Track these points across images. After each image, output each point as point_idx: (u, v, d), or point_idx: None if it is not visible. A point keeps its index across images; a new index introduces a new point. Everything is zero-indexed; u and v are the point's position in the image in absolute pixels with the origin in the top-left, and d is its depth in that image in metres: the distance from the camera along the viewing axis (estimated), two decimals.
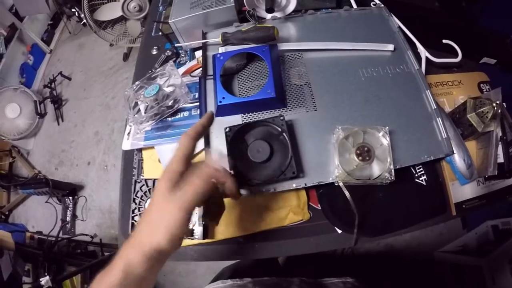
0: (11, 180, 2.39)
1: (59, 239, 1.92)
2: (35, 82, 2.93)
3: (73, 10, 2.74)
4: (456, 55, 0.78)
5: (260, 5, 0.79)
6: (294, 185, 0.61)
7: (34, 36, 3.00)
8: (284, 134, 0.59)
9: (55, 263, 1.74)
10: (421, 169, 0.67)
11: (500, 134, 0.67)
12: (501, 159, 0.66)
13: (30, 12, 2.86)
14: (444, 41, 0.81)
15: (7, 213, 2.36)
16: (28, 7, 2.70)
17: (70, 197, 2.21)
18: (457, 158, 0.65)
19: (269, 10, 0.75)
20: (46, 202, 2.24)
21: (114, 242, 1.96)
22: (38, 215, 2.30)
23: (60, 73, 2.84)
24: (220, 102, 0.65)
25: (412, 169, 0.67)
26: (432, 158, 0.64)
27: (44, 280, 1.34)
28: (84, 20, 2.10)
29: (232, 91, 0.71)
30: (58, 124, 2.67)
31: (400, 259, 1.67)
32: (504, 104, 0.71)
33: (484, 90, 0.79)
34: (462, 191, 0.67)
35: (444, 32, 0.84)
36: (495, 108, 0.64)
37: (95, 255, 1.93)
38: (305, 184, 0.61)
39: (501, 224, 1.44)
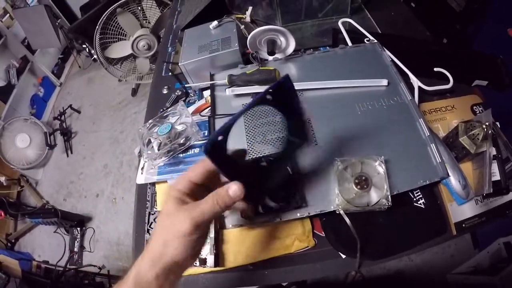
0: (19, 208, 2.40)
1: (67, 269, 1.93)
2: (45, 113, 3.02)
3: (83, 46, 2.85)
4: (448, 81, 0.83)
5: (262, 48, 0.85)
6: (298, 215, 0.64)
7: (45, 69, 3.12)
8: (288, 168, 0.64)
9: None
10: (419, 193, 0.70)
11: (493, 153, 0.70)
12: (497, 177, 0.69)
13: (42, 45, 2.99)
14: (435, 69, 0.86)
15: (13, 241, 2.36)
16: (40, 40, 2.83)
17: (78, 228, 2.23)
18: (453, 180, 0.68)
19: (271, 53, 0.82)
20: (55, 232, 2.25)
21: (122, 274, 1.94)
22: (45, 245, 2.30)
23: (70, 106, 2.93)
24: None
25: (410, 194, 0.70)
26: (428, 182, 0.67)
27: None
28: (95, 57, 2.20)
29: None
30: (67, 155, 2.73)
31: (412, 285, 1.66)
32: (498, 123, 0.76)
33: (477, 112, 0.82)
34: (461, 211, 0.70)
35: (435, 60, 0.88)
36: (485, 129, 0.67)
37: (103, 287, 1.92)
38: (309, 213, 0.65)
39: None
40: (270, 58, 0.86)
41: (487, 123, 0.68)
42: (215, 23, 0.95)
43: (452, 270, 1.62)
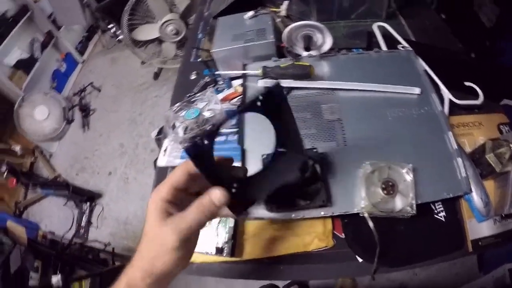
0: (31, 178, 2.43)
1: (73, 243, 1.97)
2: (66, 89, 3.05)
3: (109, 26, 2.88)
4: (477, 97, 0.82)
5: (297, 43, 0.85)
6: (322, 213, 0.65)
7: (69, 45, 3.15)
8: (316, 165, 0.64)
9: (67, 264, 1.78)
10: (441, 205, 0.69)
11: None
12: None
13: (67, 22, 3.03)
14: (466, 83, 0.84)
15: (22, 209, 2.40)
16: (66, 17, 2.89)
17: (88, 204, 2.26)
18: (475, 196, 0.67)
19: (306, 48, 0.81)
20: (64, 205, 2.28)
21: (126, 253, 1.98)
22: (53, 216, 2.33)
23: (91, 83, 2.98)
24: None
25: (432, 206, 0.69)
26: (451, 195, 0.66)
27: (56, 278, 1.37)
28: (121, 37, 2.21)
29: None
30: (84, 131, 2.77)
31: None
32: None
33: (504, 131, 0.80)
34: (479, 228, 0.69)
35: (466, 73, 0.87)
36: None
37: (106, 263, 1.94)
38: (333, 213, 0.65)
39: None
40: (305, 54, 0.86)
41: None
42: (250, 13, 0.95)
43: None
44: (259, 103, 0.46)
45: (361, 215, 0.63)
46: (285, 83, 0.80)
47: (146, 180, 2.24)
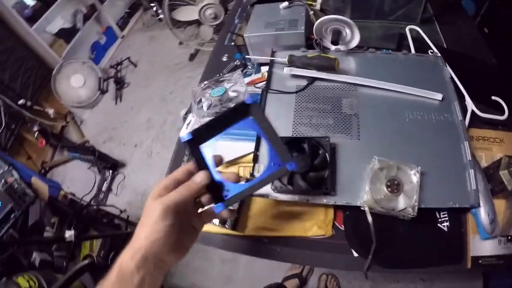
0: (61, 140, 2.52)
1: (90, 204, 2.05)
2: (103, 61, 3.15)
3: (151, 4, 2.94)
4: (503, 113, 0.80)
5: (326, 36, 0.86)
6: (325, 201, 0.67)
7: (110, 20, 3.24)
8: (326, 153, 0.66)
9: (81, 223, 1.86)
10: (445, 215, 0.69)
11: None
12: None
13: None
14: (493, 97, 0.82)
15: (47, 169, 2.51)
16: None
17: (110, 171, 2.33)
18: (482, 212, 0.66)
19: (334, 42, 0.83)
20: (88, 169, 2.37)
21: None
22: (76, 179, 2.42)
23: (128, 58, 3.07)
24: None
25: (437, 213, 0.69)
26: (457, 206, 0.66)
27: (69, 234, 1.45)
28: (161, 16, 2.27)
29: None
30: (116, 103, 2.85)
31: None
32: None
33: None
34: (481, 246, 0.67)
35: (495, 88, 0.85)
36: None
37: (119, 228, 1.98)
38: (335, 202, 0.67)
39: None
40: (333, 47, 0.87)
41: None
42: (285, 3, 0.97)
43: None
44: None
45: (362, 208, 0.64)
46: (310, 73, 0.82)
47: (169, 156, 2.20)
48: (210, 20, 2.26)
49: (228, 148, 0.77)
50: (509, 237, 0.67)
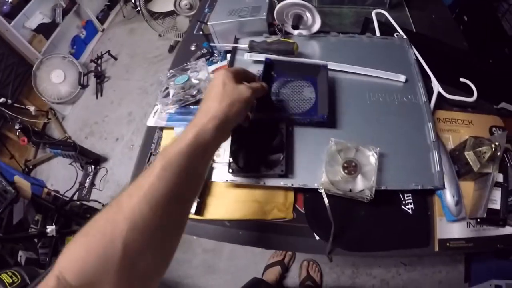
0: (42, 138, 2.49)
1: (73, 199, 2.02)
2: (83, 55, 3.09)
3: None
4: (472, 95, 0.80)
5: (288, 21, 0.85)
6: (281, 183, 0.67)
7: (90, 13, 3.17)
8: (282, 134, 0.66)
9: (64, 218, 1.86)
10: (410, 197, 0.69)
11: (498, 179, 0.67)
12: (497, 206, 0.66)
13: None
14: (461, 79, 0.82)
15: (31, 167, 2.48)
16: None
17: (93, 166, 2.32)
18: (447, 194, 0.67)
19: (295, 27, 0.83)
20: (70, 164, 2.35)
21: None
22: (59, 176, 2.40)
23: (108, 51, 3.01)
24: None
25: (401, 195, 0.69)
26: (420, 187, 0.66)
27: (50, 228, 1.44)
28: (139, 8, 2.24)
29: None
30: (97, 97, 2.82)
31: None
32: None
33: (495, 134, 0.78)
34: (449, 229, 0.68)
35: (465, 71, 0.85)
36: (494, 149, 0.64)
37: None
38: (292, 185, 0.67)
39: (505, 286, 1.34)
40: (295, 32, 0.87)
41: (497, 143, 0.65)
42: None
43: None
44: None
45: (319, 191, 0.64)
46: (269, 57, 0.81)
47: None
48: (186, 10, 2.24)
49: None
50: (478, 220, 0.67)
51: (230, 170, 0.66)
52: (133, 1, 2.94)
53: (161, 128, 0.85)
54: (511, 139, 0.77)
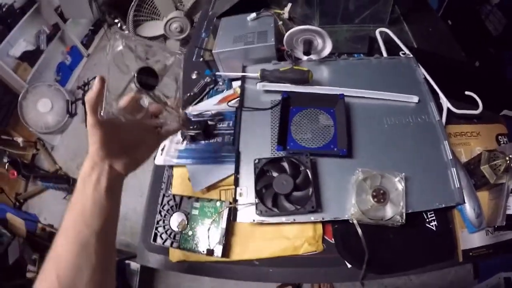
0: (32, 170, 2.43)
1: None
2: (70, 82, 3.04)
3: (116, 20, 2.88)
4: (477, 107, 0.81)
5: (297, 47, 0.85)
6: (312, 218, 0.65)
7: (74, 38, 3.14)
8: (308, 171, 0.65)
9: None
10: (433, 215, 0.69)
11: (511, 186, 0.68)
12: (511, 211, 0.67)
13: (74, 15, 3.00)
14: (466, 92, 0.83)
15: (22, 201, 2.40)
16: (73, 10, 2.84)
17: None
18: (468, 207, 0.67)
19: (306, 53, 0.82)
20: (64, 198, 2.27)
21: (124, 248, 1.96)
22: (52, 209, 2.32)
23: (95, 77, 2.96)
24: (288, 147, 0.72)
25: (424, 214, 0.69)
26: (443, 206, 0.67)
27: None
28: (126, 32, 2.22)
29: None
30: (86, 126, 2.75)
31: None
32: None
33: (502, 142, 0.80)
34: (470, 239, 0.69)
35: (467, 83, 0.87)
36: (508, 161, 0.66)
37: None
38: (323, 219, 0.65)
39: None
40: (305, 58, 0.86)
41: (510, 156, 0.66)
42: (253, 15, 0.95)
43: None
44: None
45: (351, 221, 0.64)
46: (284, 87, 0.80)
47: (145, 176, 2.20)
48: (176, 34, 2.23)
49: (208, 172, 0.75)
50: (495, 226, 0.68)
51: (258, 212, 0.64)
52: (118, 25, 2.92)
53: (171, 166, 0.82)
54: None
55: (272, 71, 0.80)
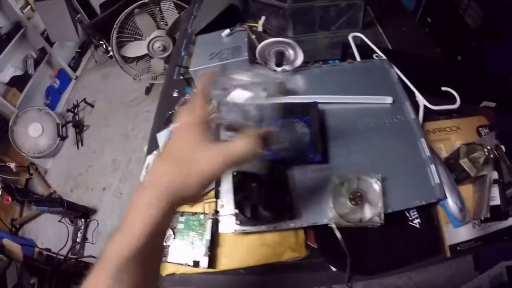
0: (27, 195, 2.44)
1: (68, 258, 1.96)
2: (59, 105, 3.07)
3: (100, 42, 2.92)
4: (455, 101, 0.82)
5: (271, 59, 0.86)
6: (292, 225, 0.66)
7: (62, 61, 3.19)
8: (285, 179, 0.67)
9: (62, 280, 1.80)
10: (415, 212, 0.70)
11: (494, 177, 0.69)
12: (497, 201, 0.69)
13: (60, 38, 3.06)
14: (443, 88, 0.84)
15: (18, 226, 2.40)
16: (59, 33, 2.89)
17: (83, 220, 2.25)
18: (450, 202, 0.68)
19: (278, 64, 0.83)
20: (59, 221, 2.28)
21: None
22: (48, 233, 2.33)
23: (84, 99, 3.00)
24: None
25: (406, 213, 0.69)
26: (424, 203, 0.67)
27: None
28: (111, 54, 2.24)
29: None
30: (78, 148, 2.79)
31: None
32: (503, 146, 0.74)
33: (483, 134, 0.80)
34: (456, 233, 0.69)
35: (444, 78, 0.88)
36: (487, 153, 0.67)
37: None
38: (302, 225, 0.66)
39: None
40: (278, 69, 0.87)
41: (489, 147, 0.67)
42: (227, 31, 0.97)
43: None
44: None
45: (330, 226, 0.64)
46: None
47: None
48: (159, 52, 2.26)
49: None
50: (482, 219, 0.69)
51: (238, 222, 0.65)
52: (104, 46, 2.95)
53: None
54: (499, 134, 0.78)
55: None
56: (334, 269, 0.67)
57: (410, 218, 0.70)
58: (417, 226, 0.69)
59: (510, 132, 0.78)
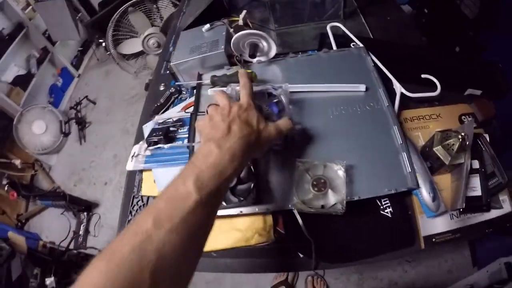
0: (32, 191, 2.50)
1: (69, 249, 2.02)
2: (62, 103, 3.12)
3: (100, 40, 2.95)
4: (436, 89, 0.81)
5: (246, 51, 0.87)
6: (257, 209, 0.68)
7: (64, 60, 3.23)
8: (250, 165, 0.68)
9: (62, 268, 1.84)
10: (387, 201, 0.70)
11: (475, 166, 0.69)
12: (478, 192, 0.67)
13: (62, 37, 3.10)
14: (423, 75, 0.84)
15: (23, 221, 2.45)
16: (60, 33, 2.94)
17: (85, 213, 2.30)
18: (424, 192, 0.67)
19: (252, 56, 0.85)
20: (62, 214, 2.33)
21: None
22: (53, 227, 2.38)
23: (86, 97, 3.05)
24: None
25: (378, 201, 0.70)
26: (394, 191, 0.67)
27: (49, 280, 1.42)
28: (109, 52, 2.28)
29: None
30: (81, 144, 2.83)
31: None
32: (486, 135, 0.74)
33: (465, 122, 0.79)
34: (432, 224, 0.68)
35: (426, 67, 0.86)
36: (461, 140, 0.65)
37: None
38: (267, 209, 0.68)
39: None
40: (254, 60, 0.89)
41: (463, 134, 0.66)
42: (207, 26, 0.98)
43: (448, 287, 1.57)
44: None
45: (293, 211, 0.66)
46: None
47: None
48: (154, 49, 2.29)
49: (171, 173, 0.77)
50: (461, 210, 0.68)
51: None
52: (104, 44, 2.98)
53: (141, 171, 0.86)
54: (485, 122, 0.79)
55: (220, 77, 0.83)
56: (301, 255, 0.68)
57: (381, 207, 0.70)
58: (389, 215, 0.69)
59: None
